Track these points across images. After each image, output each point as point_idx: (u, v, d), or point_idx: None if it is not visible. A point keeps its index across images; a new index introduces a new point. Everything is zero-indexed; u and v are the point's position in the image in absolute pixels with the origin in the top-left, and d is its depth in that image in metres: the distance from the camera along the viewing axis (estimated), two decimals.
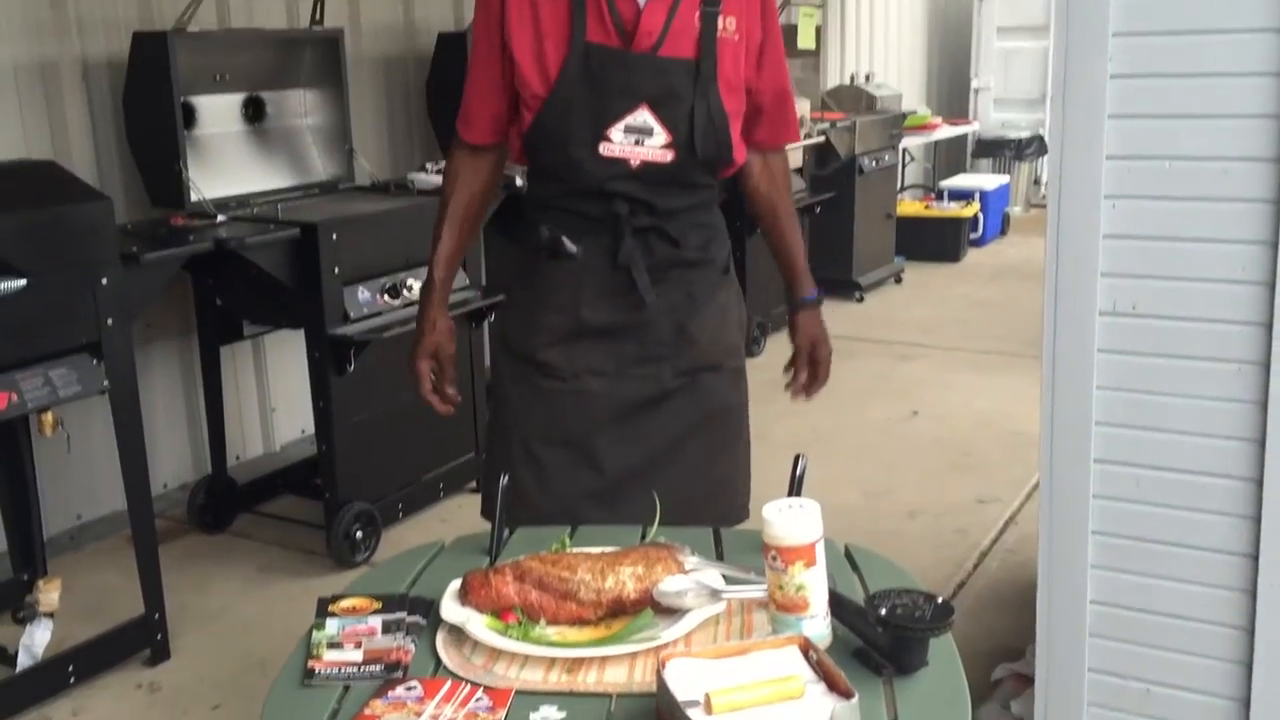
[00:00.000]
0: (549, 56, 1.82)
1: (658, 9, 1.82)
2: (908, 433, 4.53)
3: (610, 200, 1.86)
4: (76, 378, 2.65)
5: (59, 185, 2.77)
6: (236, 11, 4.00)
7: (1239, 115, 1.89)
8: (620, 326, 1.91)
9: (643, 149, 1.84)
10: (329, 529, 3.46)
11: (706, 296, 1.97)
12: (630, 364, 1.93)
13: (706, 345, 1.96)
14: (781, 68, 1.99)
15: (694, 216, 1.94)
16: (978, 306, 6.47)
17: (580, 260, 1.90)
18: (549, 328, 1.93)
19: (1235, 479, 1.97)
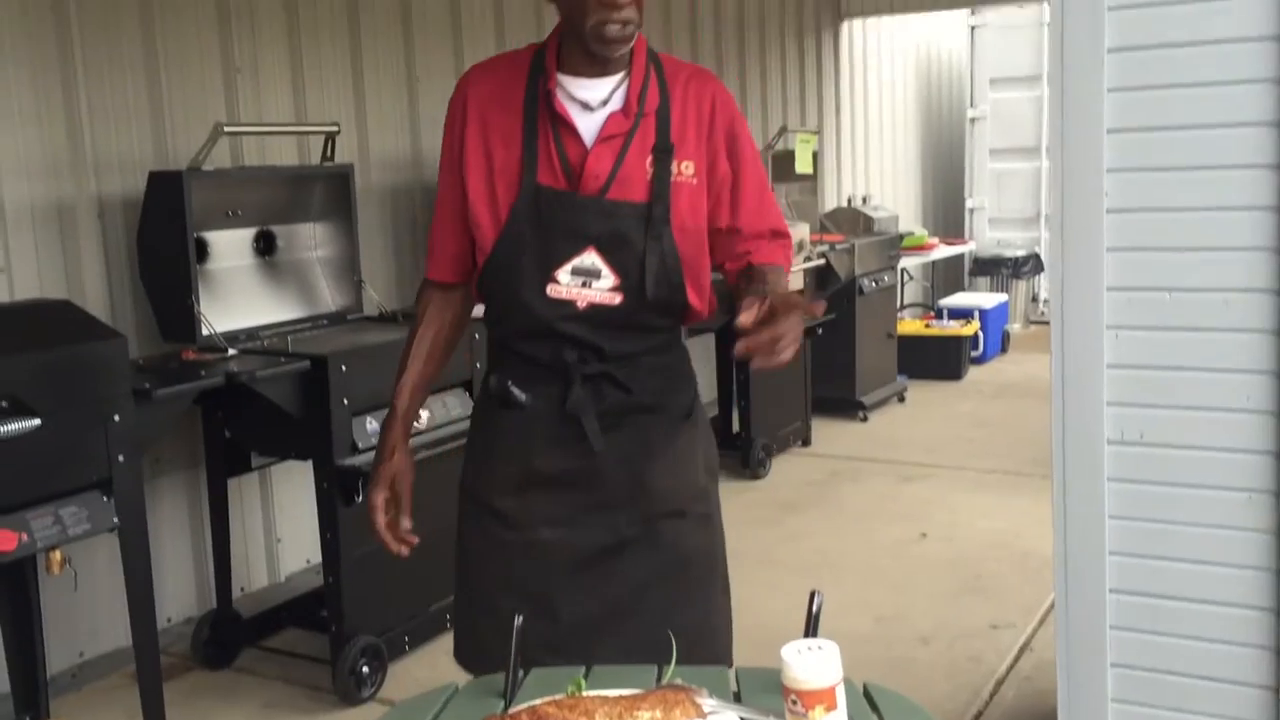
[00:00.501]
0: (500, 198, 1.86)
1: (604, 153, 1.84)
2: (917, 555, 4.50)
3: (560, 345, 1.86)
4: (86, 516, 2.65)
5: (74, 324, 2.82)
6: (249, 150, 4.11)
7: (1239, 248, 1.94)
8: (573, 475, 1.88)
9: (590, 291, 1.84)
10: (335, 663, 3.41)
11: (663, 443, 1.92)
12: (584, 512, 1.89)
13: (664, 493, 1.91)
14: (765, 207, 1.95)
15: (649, 361, 1.91)
16: (982, 425, 6.48)
17: (530, 409, 1.88)
18: (503, 476, 1.92)
19: (1252, 609, 1.96)
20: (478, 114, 1.89)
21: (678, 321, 1.94)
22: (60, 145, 3.57)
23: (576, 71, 1.85)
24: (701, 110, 1.89)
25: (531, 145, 1.84)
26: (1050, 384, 2.11)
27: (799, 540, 4.66)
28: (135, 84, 3.75)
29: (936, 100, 10.03)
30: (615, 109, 1.85)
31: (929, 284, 9.37)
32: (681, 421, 1.95)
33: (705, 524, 1.98)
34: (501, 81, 1.90)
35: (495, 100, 1.88)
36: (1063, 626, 2.11)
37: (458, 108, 1.92)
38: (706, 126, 1.89)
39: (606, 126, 1.84)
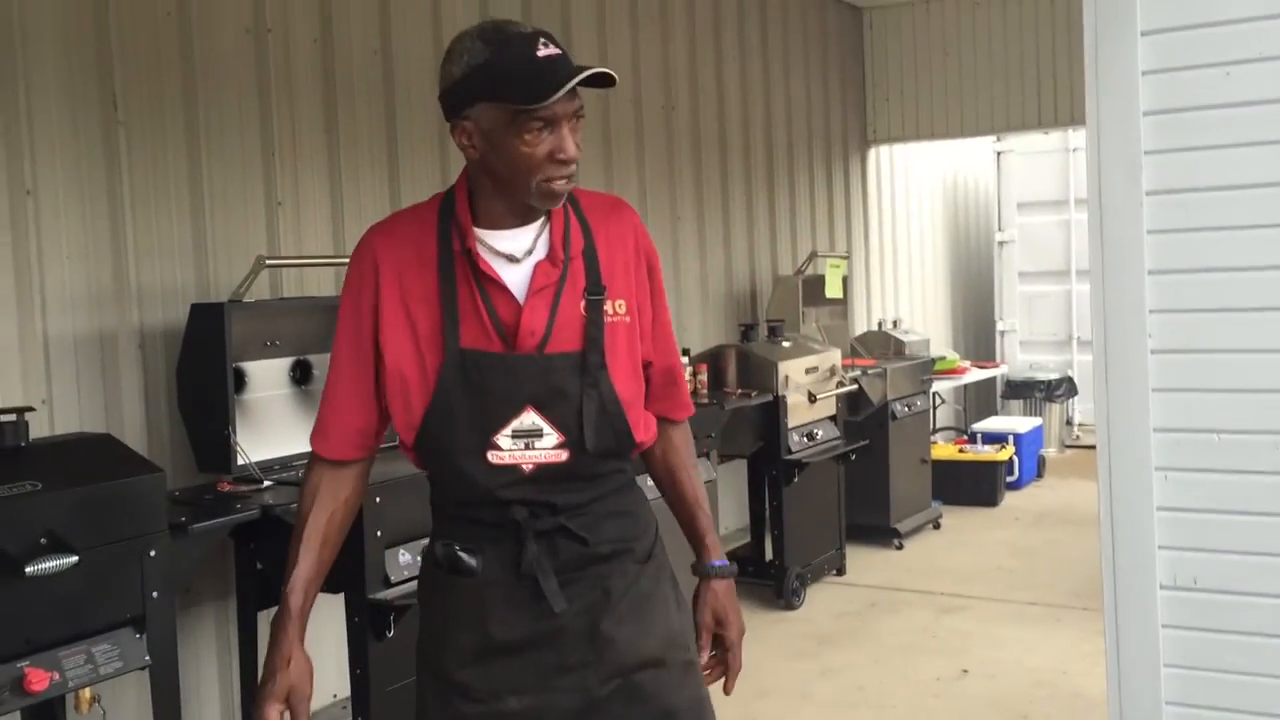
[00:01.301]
0: (428, 364, 1.76)
1: (539, 306, 1.77)
2: (960, 693, 4.37)
3: (507, 507, 1.77)
4: (119, 653, 2.62)
5: (114, 459, 2.83)
6: (289, 280, 4.17)
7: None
8: (534, 638, 1.78)
9: (534, 452, 1.76)
10: None
11: (623, 589, 1.81)
12: (551, 676, 1.78)
13: (629, 642, 1.80)
14: (670, 346, 1.95)
15: (605, 506, 1.83)
16: (1020, 554, 6.37)
17: (481, 574, 1.79)
18: (459, 647, 1.81)
19: None
20: (393, 276, 1.79)
21: (627, 461, 1.89)
22: (105, 279, 3.64)
23: (494, 224, 1.78)
24: (625, 245, 1.86)
25: (451, 307, 1.76)
26: (1092, 512, 2.07)
27: (836, 675, 4.55)
28: (180, 219, 3.83)
29: (964, 224, 10.12)
30: (540, 258, 1.79)
31: (961, 408, 9.33)
32: (642, 564, 1.87)
33: (688, 671, 1.88)
34: (409, 241, 1.80)
35: (408, 261, 1.79)
36: None
37: (367, 271, 1.81)
38: (632, 263, 1.86)
39: (536, 278, 1.77)
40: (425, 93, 4.67)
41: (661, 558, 1.92)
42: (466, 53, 1.70)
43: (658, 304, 1.91)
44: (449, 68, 1.72)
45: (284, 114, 4.17)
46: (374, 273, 1.80)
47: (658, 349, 1.91)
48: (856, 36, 8.19)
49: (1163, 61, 1.99)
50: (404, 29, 4.59)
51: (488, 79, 1.67)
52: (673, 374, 1.95)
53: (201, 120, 3.88)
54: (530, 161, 1.69)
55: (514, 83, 1.66)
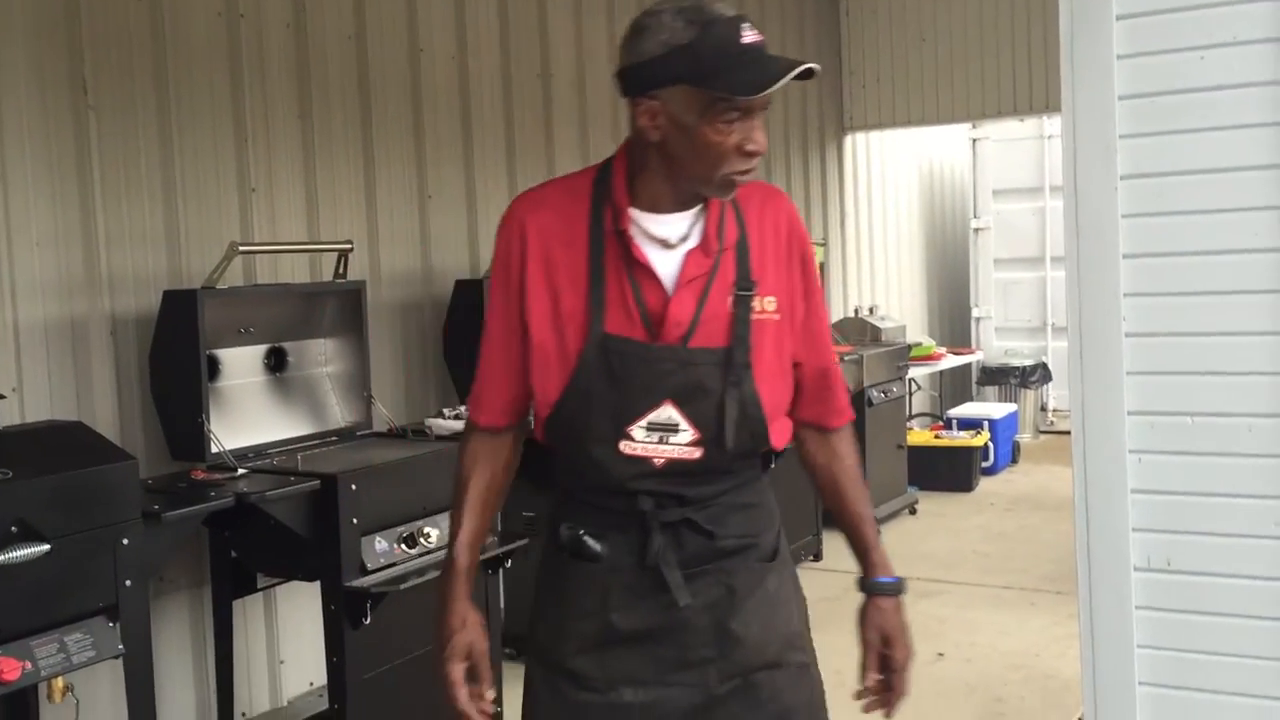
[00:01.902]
0: (569, 346, 1.71)
1: (687, 298, 1.70)
2: (935, 677, 4.40)
3: (634, 497, 1.72)
4: (91, 643, 2.60)
5: (86, 447, 2.80)
6: (262, 267, 4.14)
7: (1259, 373, 1.93)
8: (656, 630, 1.74)
9: (667, 447, 1.71)
10: None
11: (749, 588, 1.77)
12: (671, 670, 1.74)
13: (755, 643, 1.76)
14: (824, 343, 1.85)
15: (733, 499, 1.77)
16: (996, 539, 6.40)
17: (606, 560, 1.75)
18: (578, 634, 1.76)
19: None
20: (540, 250, 1.73)
21: (758, 459, 1.82)
22: (76, 265, 3.60)
23: (653, 207, 1.71)
24: (779, 237, 1.78)
25: (599, 289, 1.70)
26: (1066, 497, 2.08)
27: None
28: (152, 205, 3.79)
29: (940, 211, 10.15)
30: (693, 246, 1.71)
31: (937, 394, 9.37)
32: (768, 562, 1.82)
33: (804, 674, 1.84)
34: (561, 214, 1.74)
35: (557, 236, 1.73)
36: None
37: (514, 241, 1.76)
38: (784, 255, 1.78)
39: (687, 268, 1.70)
40: (400, 78, 4.64)
41: (786, 555, 1.88)
42: (665, 30, 1.61)
43: (811, 300, 1.82)
44: (640, 44, 1.63)
45: (257, 99, 4.13)
46: (521, 245, 1.75)
47: (810, 348, 1.82)
48: (833, 23, 8.19)
49: (1138, 46, 2.00)
50: (378, 15, 4.55)
51: (691, 61, 1.59)
52: (828, 376, 1.86)
53: (173, 105, 3.84)
54: (719, 150, 1.63)
55: (720, 69, 1.58)
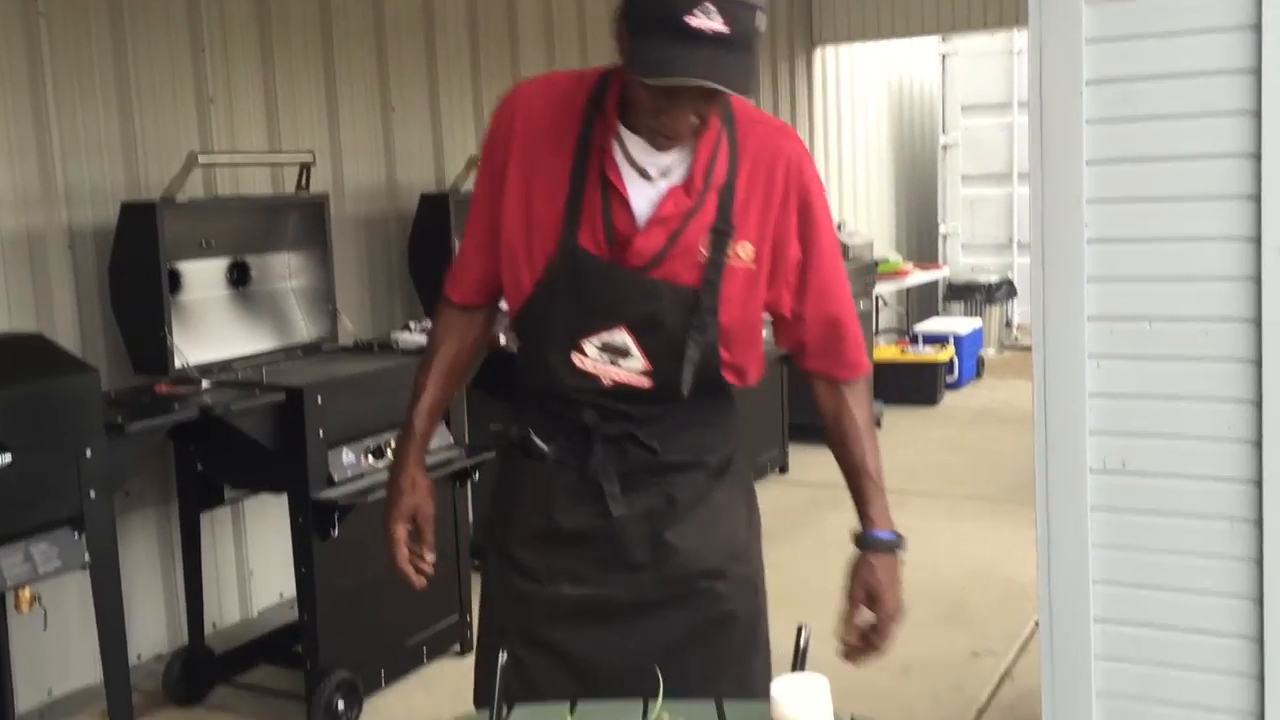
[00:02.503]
0: (537, 247, 1.69)
1: (657, 232, 1.65)
2: None
3: (580, 407, 1.74)
4: (57, 553, 2.61)
5: (46, 358, 2.78)
6: (223, 180, 4.08)
7: (1218, 278, 1.95)
8: (594, 532, 1.76)
9: (616, 369, 1.71)
10: (310, 700, 3.36)
11: (691, 501, 1.77)
12: (608, 571, 1.77)
13: (692, 553, 1.77)
14: (831, 293, 1.77)
15: (683, 417, 1.76)
16: (959, 451, 6.49)
17: (551, 461, 1.77)
18: (524, 527, 1.81)
19: (1236, 637, 1.96)
20: (525, 146, 1.70)
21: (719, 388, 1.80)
22: (31, 177, 3.53)
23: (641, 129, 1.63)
24: (772, 182, 1.69)
25: (577, 200, 1.66)
26: (1028, 411, 2.11)
27: (779, 570, 4.60)
28: (107, 115, 3.72)
29: (909, 127, 10.11)
30: (676, 183, 1.65)
31: (903, 310, 9.42)
32: (715, 477, 1.82)
33: (746, 586, 1.85)
34: (555, 111, 1.69)
35: (545, 137, 1.69)
36: (1047, 657, 2.10)
37: (503, 128, 1.73)
38: (775, 204, 1.69)
39: (664, 205, 1.65)
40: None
41: (739, 472, 1.88)
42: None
43: (811, 246, 1.72)
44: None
45: (213, 6, 4.03)
46: (507, 133, 1.72)
47: (811, 298, 1.74)
48: None
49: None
50: None
51: (632, 14, 1.52)
52: (836, 327, 1.78)
53: (126, 12, 3.75)
54: (640, 109, 1.58)
55: (643, 35, 1.49)
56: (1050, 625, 2.09)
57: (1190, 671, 2.00)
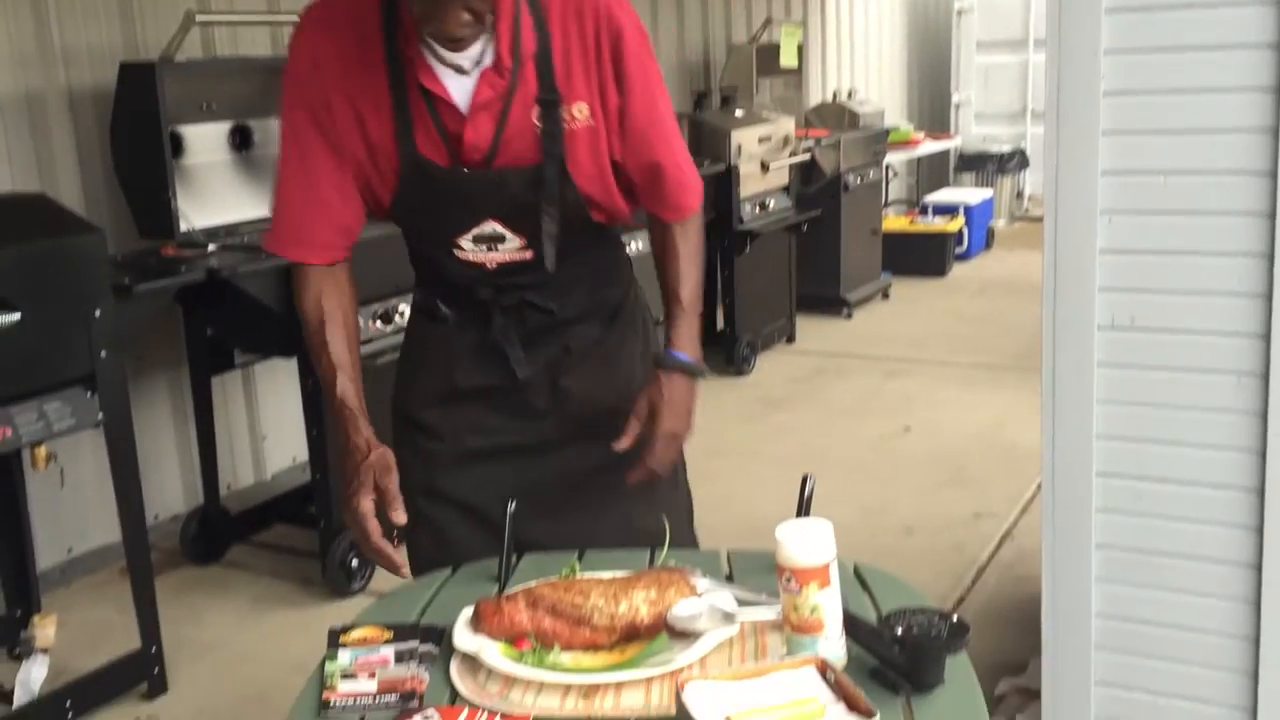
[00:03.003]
0: (384, 169, 1.68)
1: (483, 121, 1.64)
2: (901, 449, 4.54)
3: (473, 288, 1.77)
4: (70, 411, 2.63)
5: (50, 218, 2.77)
6: (221, 41, 4.00)
7: (1231, 130, 1.91)
8: (495, 388, 1.82)
9: (497, 253, 1.73)
10: (324, 557, 3.44)
11: (585, 348, 1.84)
12: (510, 419, 1.83)
13: (589, 395, 1.83)
14: (650, 137, 1.74)
15: (574, 272, 1.79)
16: (966, 321, 6.49)
17: (454, 325, 1.81)
18: (426, 390, 1.84)
19: (1237, 489, 1.98)
20: (337, 75, 1.65)
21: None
22: (27, 38, 3.47)
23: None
24: (585, 38, 1.66)
25: (404, 111, 1.64)
26: (1038, 282, 2.09)
27: (784, 435, 4.69)
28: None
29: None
30: (487, 66, 1.62)
31: (914, 180, 9.31)
32: (609, 324, 1.87)
33: None
34: (352, 34, 1.65)
35: (353, 58, 1.64)
36: (1048, 510, 2.13)
37: (305, 66, 1.67)
38: (593, 56, 1.67)
39: (479, 92, 1.63)
40: None
41: (632, 314, 1.90)
42: None
43: (626, 90, 1.69)
44: None
45: None
46: (316, 71, 1.66)
47: (629, 145, 1.72)
48: None
49: None
50: None
51: None
52: (657, 170, 1.76)
53: None
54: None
55: None
56: (1052, 479, 2.11)
57: (1189, 524, 2.03)
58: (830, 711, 1.19)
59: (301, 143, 1.69)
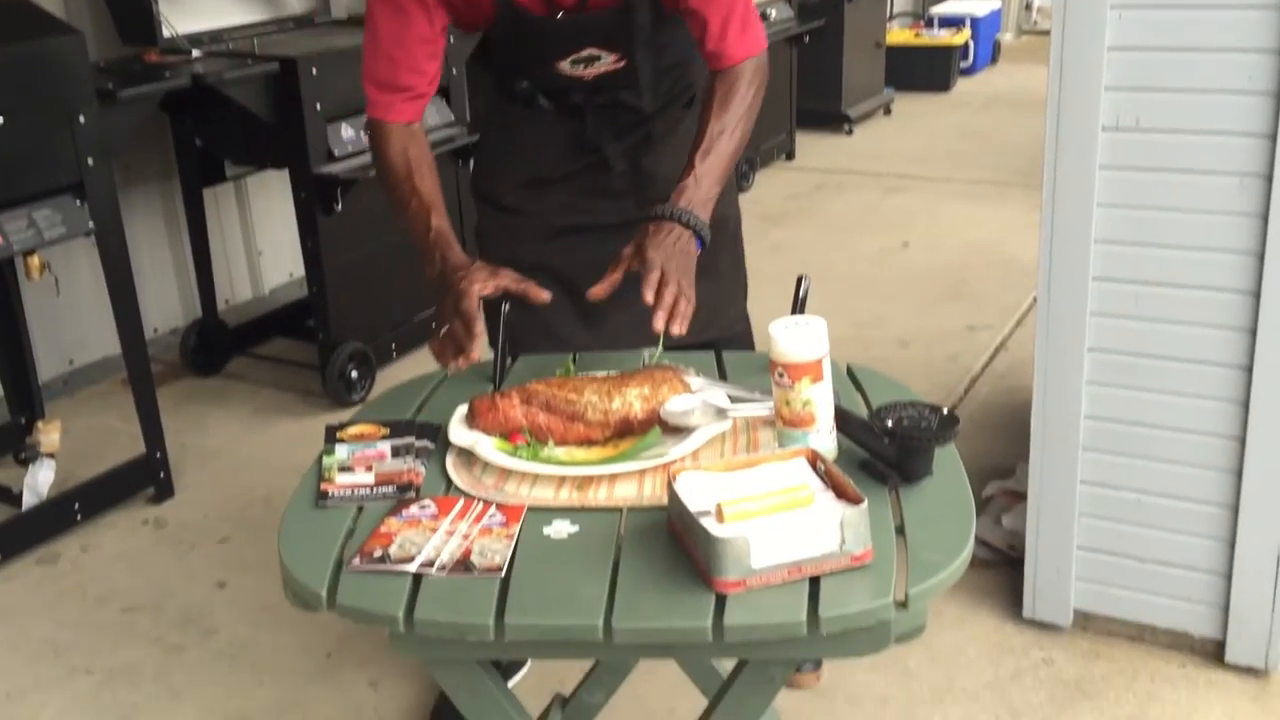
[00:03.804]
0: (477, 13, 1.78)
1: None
2: (900, 264, 4.53)
3: (568, 92, 1.88)
4: (61, 219, 2.61)
5: (28, 20, 2.67)
6: None
7: None
8: (580, 174, 1.92)
9: (594, 69, 1.83)
10: (324, 369, 3.47)
11: (665, 132, 1.93)
12: (594, 200, 1.93)
13: (667, 177, 1.81)
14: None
15: (659, 65, 1.88)
16: (969, 137, 6.38)
17: (550, 116, 1.91)
18: (511, 174, 1.94)
19: (1233, 292, 1.98)
20: None
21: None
22: None
23: None
24: None
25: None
26: (1042, 97, 2.04)
27: (782, 251, 4.67)
28: None
29: None
30: None
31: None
32: (686, 108, 1.95)
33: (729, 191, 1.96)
34: None
35: None
36: (1043, 312, 2.13)
37: None
38: None
39: None
40: None
41: None
42: None
43: None
44: None
45: None
46: None
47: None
48: None
49: None
50: None
51: None
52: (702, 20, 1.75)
53: None
54: None
55: None
56: (1049, 283, 2.11)
57: (1186, 326, 2.03)
58: (819, 499, 1.21)
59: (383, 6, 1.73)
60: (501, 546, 1.22)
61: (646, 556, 1.20)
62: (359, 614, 1.17)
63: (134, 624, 2.54)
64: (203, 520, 2.94)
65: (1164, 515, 2.14)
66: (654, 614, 1.12)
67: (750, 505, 1.18)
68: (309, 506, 1.36)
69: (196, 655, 2.43)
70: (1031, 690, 2.19)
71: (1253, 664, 2.16)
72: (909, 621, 1.17)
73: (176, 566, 2.75)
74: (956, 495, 1.31)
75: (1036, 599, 2.31)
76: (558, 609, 1.14)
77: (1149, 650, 2.25)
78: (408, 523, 1.28)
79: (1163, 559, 2.18)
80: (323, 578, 1.20)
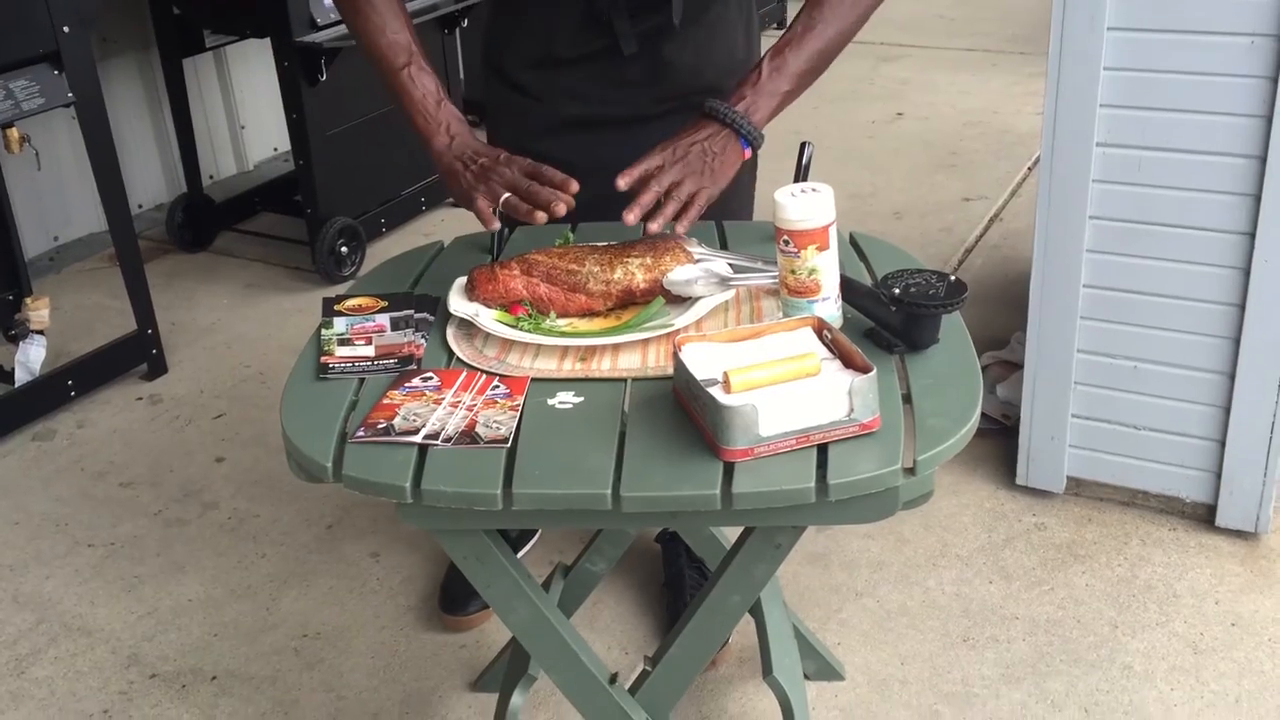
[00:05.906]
0: None
1: None
2: (893, 133, 4.46)
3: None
4: (39, 89, 2.54)
5: None
6: None
7: None
8: (594, 57, 1.77)
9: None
10: (313, 244, 3.43)
11: (689, 18, 1.75)
12: (608, 89, 1.79)
13: (688, 70, 1.77)
14: None
15: None
16: (962, 3, 6.23)
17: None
18: (523, 50, 1.82)
19: (1239, 156, 1.95)
20: None
21: None
22: None
23: None
24: None
25: None
26: None
27: (773, 123, 4.59)
28: None
29: None
30: None
31: None
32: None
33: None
34: None
35: None
36: (1045, 180, 2.10)
37: None
38: None
39: None
40: None
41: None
42: None
43: None
44: None
45: None
46: None
47: None
48: None
49: None
50: None
51: None
52: None
53: None
54: None
55: None
56: (1052, 149, 2.08)
57: (1189, 192, 2.01)
58: (826, 368, 1.21)
59: None
60: (506, 418, 1.22)
61: (652, 426, 1.20)
62: (365, 485, 1.16)
63: (134, 499, 2.56)
64: (197, 396, 2.94)
65: (1160, 382, 2.15)
66: (662, 482, 1.12)
67: (758, 374, 1.18)
68: (309, 379, 1.35)
69: (197, 529, 2.45)
70: (1024, 554, 2.22)
71: (1243, 527, 2.19)
72: (916, 488, 1.17)
73: (173, 442, 2.76)
74: (963, 362, 1.31)
75: (1030, 466, 2.34)
76: (566, 478, 1.14)
77: (1140, 515, 2.29)
78: (411, 395, 1.27)
79: (1157, 426, 2.20)
80: (327, 450, 1.19)
